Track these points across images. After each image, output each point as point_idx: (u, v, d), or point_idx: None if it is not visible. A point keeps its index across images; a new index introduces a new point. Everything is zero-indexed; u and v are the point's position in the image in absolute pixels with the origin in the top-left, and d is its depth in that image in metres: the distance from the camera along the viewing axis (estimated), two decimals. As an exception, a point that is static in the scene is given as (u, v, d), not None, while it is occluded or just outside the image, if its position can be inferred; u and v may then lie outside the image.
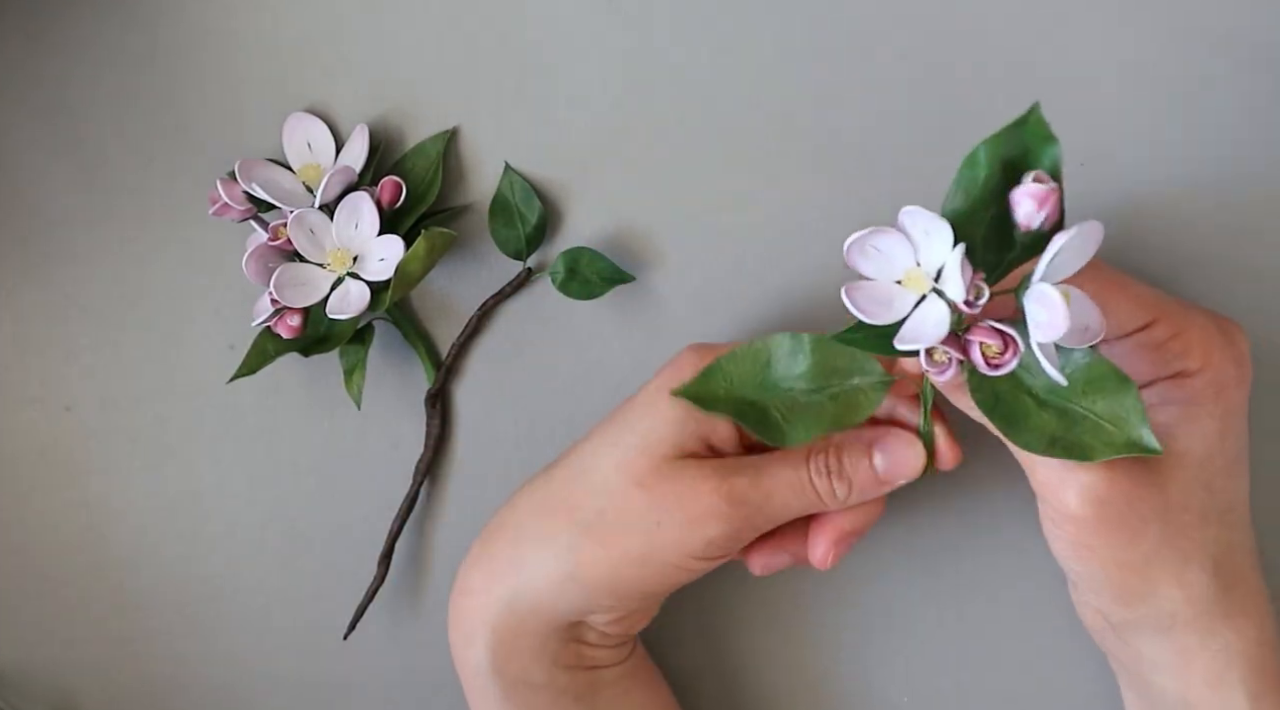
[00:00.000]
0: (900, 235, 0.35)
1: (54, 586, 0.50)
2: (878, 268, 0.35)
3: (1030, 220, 0.34)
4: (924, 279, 0.35)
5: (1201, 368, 0.38)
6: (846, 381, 0.39)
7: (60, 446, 0.49)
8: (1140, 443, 0.35)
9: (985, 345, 0.35)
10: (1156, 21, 0.46)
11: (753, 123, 0.47)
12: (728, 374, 0.39)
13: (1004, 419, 0.36)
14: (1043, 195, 0.34)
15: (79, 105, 0.48)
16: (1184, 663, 0.39)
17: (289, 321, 0.45)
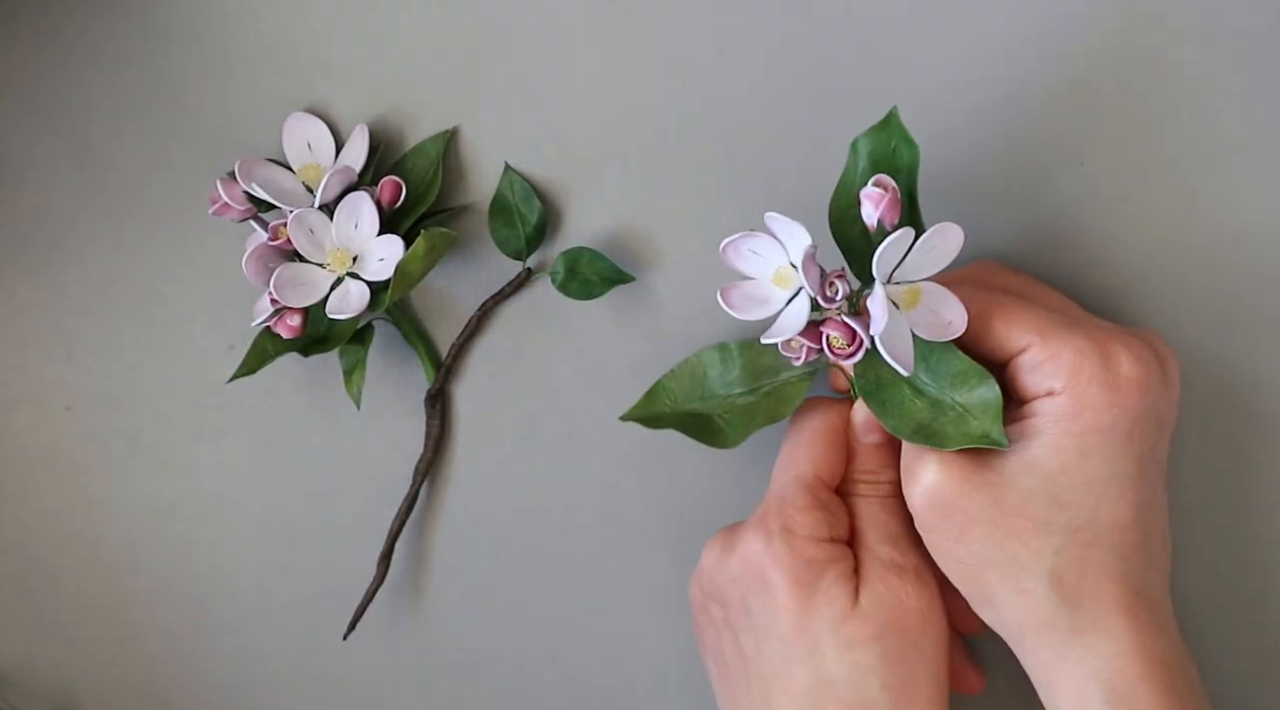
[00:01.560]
0: (773, 238, 0.39)
1: (54, 586, 0.50)
2: (755, 268, 0.39)
3: (870, 220, 0.39)
4: (794, 277, 0.39)
5: (1064, 388, 0.38)
6: (776, 378, 0.43)
7: (60, 446, 0.49)
8: (990, 436, 0.38)
9: (832, 337, 0.39)
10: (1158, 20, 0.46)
11: (753, 123, 0.47)
12: (670, 391, 0.43)
13: (880, 403, 0.40)
14: (877, 197, 0.38)
15: (79, 105, 0.48)
16: (1046, 677, 0.39)
17: (289, 321, 0.45)
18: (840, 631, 0.40)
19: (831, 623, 0.40)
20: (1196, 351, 0.46)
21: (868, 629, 0.40)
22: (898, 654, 0.40)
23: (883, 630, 0.40)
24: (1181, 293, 0.46)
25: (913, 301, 0.39)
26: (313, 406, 0.49)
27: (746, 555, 0.41)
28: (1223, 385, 0.46)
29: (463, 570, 0.49)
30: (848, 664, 0.40)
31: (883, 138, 0.40)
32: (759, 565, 0.41)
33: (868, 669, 0.40)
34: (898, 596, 0.40)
